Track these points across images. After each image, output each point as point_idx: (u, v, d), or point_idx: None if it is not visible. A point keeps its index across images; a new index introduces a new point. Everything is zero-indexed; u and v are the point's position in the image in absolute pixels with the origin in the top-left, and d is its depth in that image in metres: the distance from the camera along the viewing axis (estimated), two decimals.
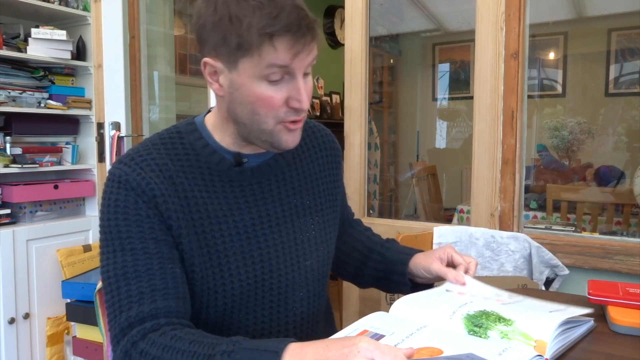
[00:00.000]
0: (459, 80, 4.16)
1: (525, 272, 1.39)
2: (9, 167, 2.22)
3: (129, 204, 0.77)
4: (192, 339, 0.70)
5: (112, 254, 0.77)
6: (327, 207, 0.95)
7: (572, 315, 0.74)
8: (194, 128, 0.85)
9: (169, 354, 0.68)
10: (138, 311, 0.73)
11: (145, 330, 0.72)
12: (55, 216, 2.39)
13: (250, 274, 0.82)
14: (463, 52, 4.08)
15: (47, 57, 2.30)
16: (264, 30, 0.70)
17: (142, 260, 0.76)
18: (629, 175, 2.88)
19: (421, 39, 4.30)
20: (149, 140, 0.84)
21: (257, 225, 0.84)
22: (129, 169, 0.78)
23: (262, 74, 0.74)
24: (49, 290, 2.27)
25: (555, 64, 3.79)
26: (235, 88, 0.76)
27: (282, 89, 0.76)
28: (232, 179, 0.84)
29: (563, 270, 1.37)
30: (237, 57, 0.74)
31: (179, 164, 0.81)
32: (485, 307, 0.77)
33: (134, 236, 0.76)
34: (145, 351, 0.70)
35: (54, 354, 2.28)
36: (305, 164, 0.93)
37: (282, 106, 0.76)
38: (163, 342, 0.70)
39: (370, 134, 2.46)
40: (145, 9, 2.43)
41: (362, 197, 1.82)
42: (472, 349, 0.65)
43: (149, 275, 0.75)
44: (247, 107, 0.77)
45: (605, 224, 2.40)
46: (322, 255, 0.92)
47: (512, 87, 1.48)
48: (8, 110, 2.20)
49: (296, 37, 0.72)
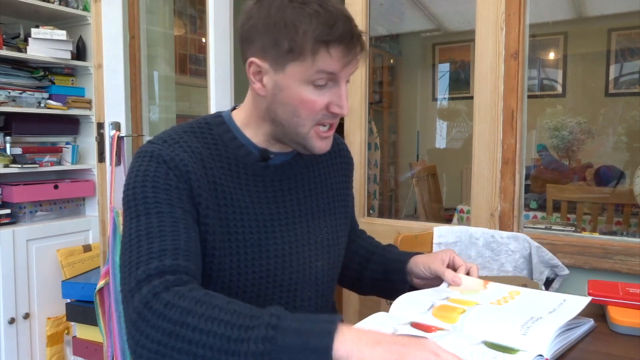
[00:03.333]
0: (459, 80, 4.16)
1: (525, 272, 1.39)
2: (9, 167, 2.22)
3: (159, 174, 0.76)
4: (229, 300, 0.64)
5: (136, 219, 0.74)
6: (339, 211, 0.97)
7: (571, 318, 0.73)
8: (222, 121, 0.88)
9: (203, 308, 0.62)
10: (159, 264, 0.68)
11: (168, 282, 0.66)
12: (55, 216, 2.39)
13: (264, 267, 0.83)
14: (463, 52, 4.07)
15: (47, 57, 2.30)
16: (320, 38, 0.74)
17: (168, 222, 0.74)
18: (629, 175, 2.88)
19: (421, 39, 4.30)
20: (178, 127, 0.85)
21: (275, 220, 0.86)
22: (162, 147, 0.79)
23: (310, 79, 0.77)
24: (49, 290, 2.27)
25: (555, 64, 3.79)
26: (280, 89, 0.79)
27: (325, 95, 0.79)
28: (256, 174, 0.86)
29: (563, 270, 1.37)
30: (287, 60, 0.77)
31: (209, 151, 0.83)
32: (485, 331, 0.72)
33: (162, 201, 0.75)
34: (171, 303, 0.63)
35: (54, 354, 2.28)
36: (322, 168, 0.96)
37: (323, 110, 0.80)
38: (195, 295, 0.64)
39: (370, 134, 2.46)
40: (145, 9, 2.42)
41: (362, 197, 1.82)
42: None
43: (174, 235, 0.73)
44: (289, 108, 0.80)
45: (605, 224, 2.40)
46: (333, 258, 0.94)
47: (512, 87, 1.48)
48: (8, 110, 2.20)
49: (349, 48, 0.77)
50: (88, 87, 2.50)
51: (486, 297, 0.83)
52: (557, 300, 0.81)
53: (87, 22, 2.47)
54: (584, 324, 0.78)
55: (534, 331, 0.69)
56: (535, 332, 0.68)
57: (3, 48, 2.19)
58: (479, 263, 1.42)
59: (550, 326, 0.69)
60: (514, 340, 0.68)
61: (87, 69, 2.49)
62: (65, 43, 2.35)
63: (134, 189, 0.76)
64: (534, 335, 0.68)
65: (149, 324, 0.63)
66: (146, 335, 0.63)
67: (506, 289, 0.87)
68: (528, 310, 0.77)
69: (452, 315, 0.75)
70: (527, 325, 0.70)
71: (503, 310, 0.78)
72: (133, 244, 0.72)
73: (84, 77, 2.53)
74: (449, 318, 0.75)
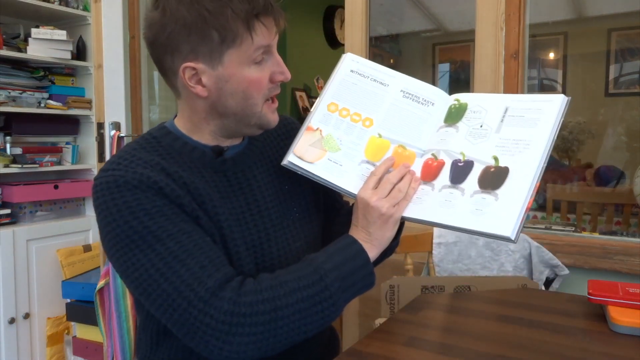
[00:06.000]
0: (459, 80, 4.15)
1: (525, 272, 1.39)
2: (9, 167, 2.22)
3: (141, 201, 0.73)
4: (283, 272, 0.76)
5: (150, 249, 0.72)
6: (306, 189, 0.95)
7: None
8: (168, 131, 0.86)
9: (279, 290, 0.72)
10: (214, 280, 0.71)
11: (234, 289, 0.72)
12: (55, 216, 2.39)
13: (251, 258, 0.84)
14: (463, 52, 4.07)
15: (47, 57, 2.30)
16: (250, 14, 0.74)
17: (185, 240, 0.73)
18: (629, 175, 2.88)
19: (421, 39, 4.30)
20: (126, 147, 0.83)
21: (247, 212, 0.85)
22: (121, 171, 0.75)
23: (251, 58, 0.77)
24: (49, 290, 2.27)
25: (555, 64, 3.79)
26: (224, 81, 0.78)
27: (265, 68, 0.80)
28: (217, 170, 0.85)
29: (563, 270, 1.37)
30: (222, 50, 0.76)
31: (165, 160, 0.80)
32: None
33: (165, 224, 0.73)
34: (254, 301, 0.71)
35: (54, 354, 2.28)
36: (275, 152, 0.95)
37: (268, 83, 0.81)
38: (263, 285, 0.73)
39: None
40: (145, 9, 2.42)
41: None
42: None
43: (200, 249, 0.73)
44: (239, 95, 0.79)
45: (605, 224, 2.40)
46: (310, 236, 0.94)
47: (512, 87, 1.48)
48: (8, 110, 2.20)
49: (275, 15, 0.77)
50: (88, 87, 2.50)
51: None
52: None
53: (87, 22, 2.47)
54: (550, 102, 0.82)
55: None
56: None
57: (3, 48, 2.19)
58: (479, 263, 1.42)
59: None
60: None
61: (87, 69, 2.49)
62: (65, 43, 2.35)
63: (126, 223, 0.72)
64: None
65: (246, 325, 0.70)
66: (247, 335, 0.70)
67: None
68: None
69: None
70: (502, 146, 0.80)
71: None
72: (165, 272, 0.71)
73: (84, 77, 2.53)
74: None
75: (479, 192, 0.76)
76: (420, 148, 0.85)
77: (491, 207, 0.73)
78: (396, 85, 0.89)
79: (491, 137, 0.79)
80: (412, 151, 0.85)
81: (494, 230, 0.72)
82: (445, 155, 0.82)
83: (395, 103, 0.88)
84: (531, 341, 0.75)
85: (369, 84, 0.89)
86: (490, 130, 0.80)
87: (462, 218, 0.75)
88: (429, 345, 0.76)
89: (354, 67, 0.91)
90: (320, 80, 4.31)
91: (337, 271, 0.75)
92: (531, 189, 0.73)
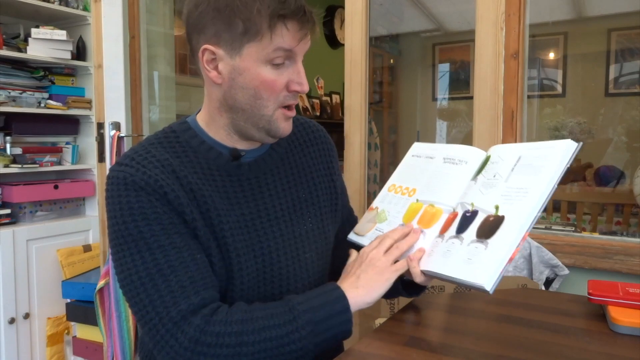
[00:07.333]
0: (459, 80, 4.15)
1: (525, 272, 1.39)
2: (9, 167, 2.22)
3: (143, 204, 0.75)
4: (258, 307, 0.75)
5: (138, 255, 0.74)
6: (324, 200, 0.95)
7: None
8: (188, 127, 0.86)
9: (250, 325, 0.72)
10: (188, 303, 0.72)
11: (206, 316, 0.72)
12: (55, 216, 2.39)
13: (253, 267, 0.83)
14: (463, 52, 4.07)
15: (47, 57, 2.30)
16: (275, 13, 0.74)
17: (173, 255, 0.74)
18: (629, 175, 2.88)
19: (421, 39, 4.30)
20: (145, 141, 0.84)
21: (257, 219, 0.84)
22: (132, 169, 0.77)
23: (268, 58, 0.77)
24: (49, 290, 2.27)
25: (555, 64, 3.79)
26: (238, 73, 0.78)
27: (284, 73, 0.79)
28: (231, 174, 0.84)
29: (563, 270, 1.37)
30: (243, 42, 0.76)
31: (179, 160, 0.81)
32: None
33: (158, 233, 0.75)
34: (222, 332, 0.71)
35: (54, 354, 2.28)
36: (298, 158, 0.94)
37: (283, 90, 0.80)
38: (235, 318, 0.73)
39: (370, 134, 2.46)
40: (145, 9, 2.42)
41: (362, 197, 1.81)
42: None
43: (185, 268, 0.74)
44: (250, 91, 0.79)
45: (605, 224, 2.40)
46: (321, 248, 0.93)
47: (512, 87, 1.48)
48: (8, 110, 2.20)
49: (302, 22, 0.77)
50: (88, 87, 2.51)
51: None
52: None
53: (87, 22, 2.47)
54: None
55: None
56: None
57: (3, 48, 2.19)
58: None
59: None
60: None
61: (87, 69, 2.49)
62: (65, 43, 2.35)
63: (124, 223, 0.75)
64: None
65: (209, 355, 0.70)
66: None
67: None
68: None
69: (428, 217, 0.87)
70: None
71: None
72: (146, 282, 0.73)
73: (84, 77, 2.53)
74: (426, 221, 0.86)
75: (474, 241, 0.74)
76: (448, 204, 0.85)
77: (479, 257, 0.72)
78: (440, 155, 0.93)
79: (500, 186, 0.78)
80: (440, 208, 0.85)
81: (472, 279, 0.70)
82: (460, 208, 0.82)
83: (436, 170, 0.91)
84: (531, 341, 0.75)
85: (421, 161, 0.95)
86: (501, 179, 0.79)
87: (454, 267, 0.74)
88: (429, 345, 0.75)
89: (415, 151, 0.98)
90: (321, 80, 4.30)
91: (312, 314, 0.74)
92: (519, 239, 0.70)
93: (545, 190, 0.72)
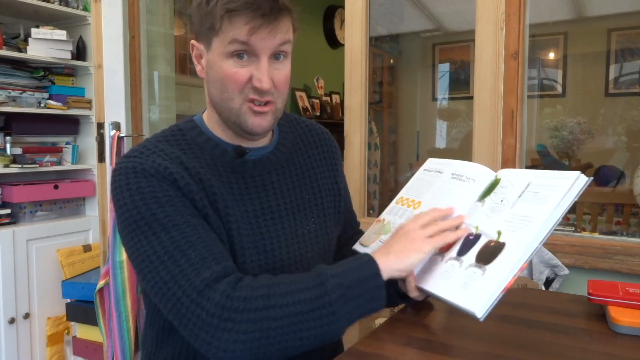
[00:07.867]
0: (459, 80, 4.15)
1: (525, 272, 1.39)
2: (9, 167, 2.22)
3: (154, 188, 0.75)
4: (279, 275, 0.75)
5: (154, 236, 0.73)
6: (327, 202, 0.96)
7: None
8: (194, 125, 0.88)
9: (276, 288, 0.70)
10: (211, 271, 0.70)
11: (231, 283, 0.70)
12: (55, 216, 2.39)
13: (257, 263, 0.83)
14: (463, 52, 4.07)
15: (47, 57, 2.30)
16: (225, 6, 0.76)
17: (190, 232, 0.74)
18: (629, 175, 2.88)
19: (421, 39, 4.30)
20: (152, 138, 0.86)
21: (260, 217, 0.85)
22: (141, 159, 0.78)
23: (227, 50, 0.79)
24: (49, 290, 2.27)
25: (555, 64, 3.79)
26: (210, 67, 0.82)
27: (247, 68, 0.80)
28: (236, 171, 0.86)
29: (563, 270, 1.37)
30: (210, 37, 0.80)
31: (186, 155, 0.83)
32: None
33: (172, 214, 0.74)
34: (249, 296, 0.69)
35: (54, 354, 2.28)
36: (303, 160, 0.95)
37: (247, 84, 0.80)
38: (260, 282, 0.71)
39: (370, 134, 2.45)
40: (145, 9, 2.42)
41: (362, 197, 1.82)
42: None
43: (202, 242, 0.74)
44: (217, 84, 0.81)
45: (605, 224, 2.40)
46: (322, 249, 0.93)
47: (512, 87, 1.48)
48: (8, 110, 2.20)
49: (254, 14, 0.76)
50: (88, 87, 2.50)
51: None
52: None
53: (87, 22, 2.47)
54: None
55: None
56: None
57: (3, 48, 2.19)
58: None
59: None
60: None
61: (87, 69, 2.49)
62: (65, 43, 2.35)
63: (136, 208, 0.74)
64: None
65: (237, 321, 0.67)
66: (237, 332, 0.67)
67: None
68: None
69: None
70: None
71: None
72: (165, 260, 0.72)
73: (84, 77, 2.53)
74: None
75: (473, 265, 0.74)
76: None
77: (476, 282, 0.71)
78: (449, 170, 0.92)
79: (505, 212, 0.77)
80: None
81: (465, 305, 0.70)
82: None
83: (443, 185, 0.91)
84: (531, 341, 0.75)
85: (430, 175, 0.95)
86: (507, 205, 0.78)
87: (449, 290, 0.74)
88: (429, 345, 0.75)
89: (428, 166, 0.98)
90: (321, 80, 4.31)
91: (341, 278, 0.71)
92: (516, 268, 0.69)
93: (549, 222, 0.71)
